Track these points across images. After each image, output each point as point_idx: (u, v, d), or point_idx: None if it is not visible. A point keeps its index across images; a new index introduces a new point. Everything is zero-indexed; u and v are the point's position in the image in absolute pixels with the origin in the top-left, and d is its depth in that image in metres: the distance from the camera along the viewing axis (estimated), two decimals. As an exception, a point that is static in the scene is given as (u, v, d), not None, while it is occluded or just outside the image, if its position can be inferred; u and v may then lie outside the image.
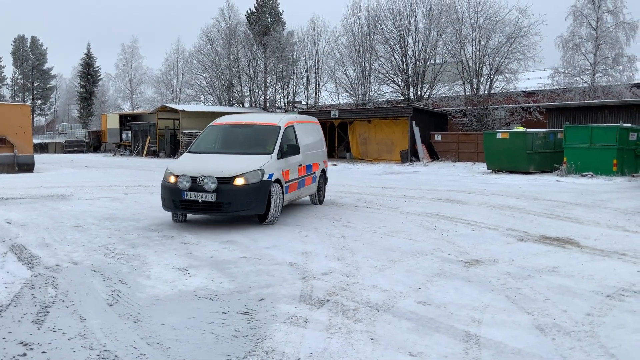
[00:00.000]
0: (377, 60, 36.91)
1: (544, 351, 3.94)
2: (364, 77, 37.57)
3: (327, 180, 12.32)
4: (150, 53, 77.52)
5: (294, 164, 9.99)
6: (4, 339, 4.19)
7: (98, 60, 66.19)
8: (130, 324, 4.51)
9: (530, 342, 4.09)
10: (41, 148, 45.59)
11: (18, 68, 74.35)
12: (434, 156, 28.36)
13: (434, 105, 32.89)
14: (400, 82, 36.10)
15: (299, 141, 10.34)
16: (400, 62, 35.71)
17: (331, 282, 5.70)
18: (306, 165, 10.60)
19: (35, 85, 75.31)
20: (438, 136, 28.66)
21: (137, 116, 45.50)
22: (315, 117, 13.27)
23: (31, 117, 28.85)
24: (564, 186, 15.67)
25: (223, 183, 8.49)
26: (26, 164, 22.32)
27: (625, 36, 28.00)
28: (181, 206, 8.75)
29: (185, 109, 37.53)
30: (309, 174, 10.83)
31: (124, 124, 44.61)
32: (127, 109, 57.01)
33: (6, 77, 75.80)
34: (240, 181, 8.55)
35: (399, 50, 35.58)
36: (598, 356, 3.86)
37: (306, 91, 44.00)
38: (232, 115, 11.78)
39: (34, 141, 30.53)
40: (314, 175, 11.14)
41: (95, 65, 66.15)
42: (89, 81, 64.79)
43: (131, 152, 41.19)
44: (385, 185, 16.06)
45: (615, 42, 28.14)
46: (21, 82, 74.62)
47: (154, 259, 6.75)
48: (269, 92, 46.01)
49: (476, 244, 7.60)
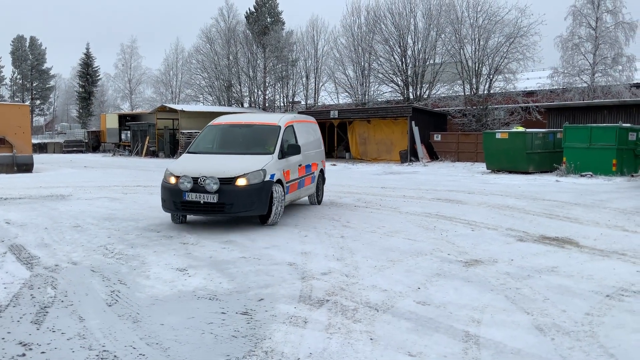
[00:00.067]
0: (376, 60, 36.91)
1: (544, 351, 3.94)
2: (363, 77, 37.56)
3: (325, 180, 12.29)
4: (150, 53, 77.49)
5: (294, 164, 9.91)
6: (3, 339, 4.18)
7: (97, 60, 66.36)
8: (130, 324, 4.51)
9: (530, 342, 4.09)
10: (40, 148, 45.57)
11: (17, 68, 74.35)
12: (433, 156, 28.36)
13: (433, 105, 32.89)
14: (400, 82, 36.10)
15: (298, 141, 10.26)
16: (400, 62, 35.72)
17: (330, 282, 5.69)
18: (305, 165, 10.56)
19: (34, 85, 75.31)
20: (437, 136, 28.66)
21: (136, 116, 45.50)
22: (315, 117, 13.25)
23: (30, 117, 28.82)
24: (563, 186, 15.68)
25: (225, 184, 8.36)
26: (25, 164, 22.31)
27: (624, 36, 28.01)
28: (182, 207, 8.59)
29: (185, 109, 37.50)
30: (308, 174, 10.79)
31: (123, 124, 44.61)
32: (126, 109, 56.99)
33: (5, 77, 75.81)
34: (243, 182, 8.43)
35: (399, 50, 35.60)
36: (597, 356, 3.86)
37: (305, 91, 43.99)
38: (231, 115, 11.73)
39: (33, 141, 30.45)
40: (313, 175, 11.11)
41: (95, 65, 66.23)
42: (88, 81, 64.82)
43: (130, 152, 41.18)
44: (384, 185, 16.06)
45: (615, 42, 28.14)
46: (20, 82, 74.61)
47: (153, 259, 6.75)
48: (268, 92, 46.01)
49: (475, 244, 7.60)
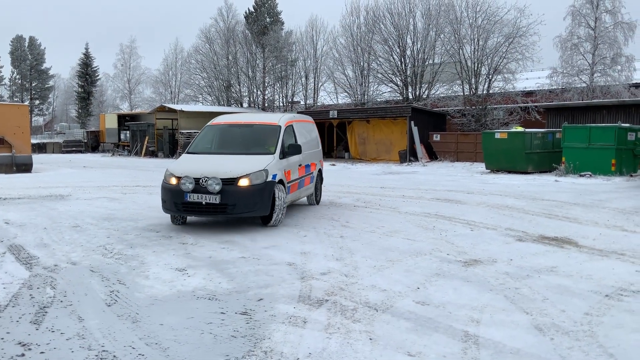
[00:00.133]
0: (375, 60, 36.90)
1: (543, 351, 3.94)
2: (362, 77, 37.56)
3: (322, 180, 12.25)
4: (149, 53, 77.71)
5: (295, 164, 9.85)
6: (2, 339, 4.18)
7: (96, 60, 66.36)
8: (129, 324, 4.51)
9: (529, 342, 4.09)
10: (39, 148, 45.56)
11: (16, 68, 74.33)
12: (432, 156, 28.36)
13: (432, 105, 32.90)
14: (399, 82, 36.10)
15: (297, 141, 10.20)
16: (399, 62, 35.73)
17: (330, 282, 5.69)
18: (305, 165, 10.52)
19: (34, 85, 75.27)
20: (437, 136, 28.66)
21: (136, 116, 45.49)
22: (314, 117, 13.23)
23: (29, 117, 28.81)
24: (562, 186, 15.68)
25: (227, 184, 8.25)
26: (24, 164, 22.30)
27: (623, 36, 28.01)
28: (183, 208, 8.45)
29: (184, 109, 37.49)
30: (308, 174, 10.76)
31: (122, 124, 44.60)
32: (126, 109, 56.96)
33: (4, 77, 75.78)
34: (245, 182, 8.33)
35: (398, 50, 35.60)
36: (597, 356, 3.86)
37: (305, 91, 43.97)
38: (230, 115, 11.70)
39: (32, 141, 30.46)
40: (311, 175, 11.08)
41: (94, 65, 66.22)
42: (87, 81, 64.80)
43: (129, 152, 41.17)
44: (383, 185, 16.07)
45: (614, 42, 28.15)
46: (19, 82, 74.58)
47: (152, 259, 6.75)
48: (267, 92, 46.01)
49: (475, 243, 7.60)
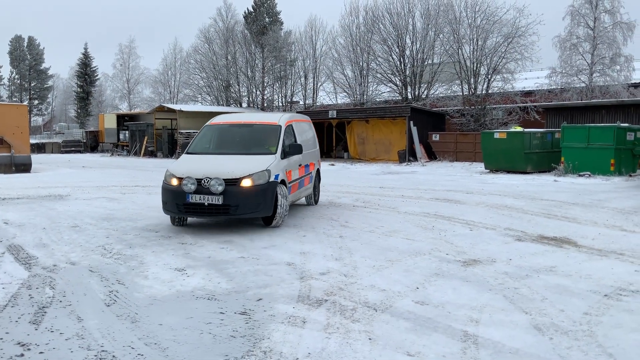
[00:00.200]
0: (374, 60, 36.92)
1: (542, 351, 3.94)
2: (361, 77, 37.57)
3: (320, 179, 12.22)
4: (148, 53, 77.32)
5: (295, 164, 9.77)
6: (1, 339, 4.18)
7: (95, 60, 66.38)
8: (128, 324, 4.50)
9: (528, 342, 4.10)
10: (38, 148, 45.54)
11: (15, 68, 74.20)
12: (431, 156, 28.37)
13: (431, 105, 32.92)
14: (398, 82, 36.12)
15: (297, 140, 10.14)
16: (398, 62, 35.75)
17: (329, 282, 5.69)
18: (305, 165, 10.49)
19: (33, 85, 75.17)
20: (436, 136, 28.67)
21: (135, 116, 45.48)
22: (313, 117, 13.23)
23: (28, 117, 28.79)
24: (561, 186, 15.69)
25: (230, 185, 8.14)
26: (23, 164, 22.30)
27: (622, 36, 28.03)
28: (185, 210, 8.30)
29: (183, 109, 37.48)
30: (307, 174, 10.74)
31: (121, 124, 44.60)
32: (125, 109, 56.94)
33: (3, 77, 75.64)
34: (248, 182, 8.21)
35: (397, 50, 35.61)
36: (596, 356, 3.87)
37: (304, 91, 43.96)
38: (229, 115, 11.65)
39: (31, 141, 30.48)
40: (310, 175, 11.07)
41: (93, 65, 66.18)
42: (86, 81, 64.75)
43: (129, 152, 41.16)
44: (383, 185, 16.07)
45: (613, 42, 28.17)
46: (18, 82, 74.46)
47: (151, 259, 6.74)
48: (266, 92, 45.99)
49: (474, 243, 7.60)
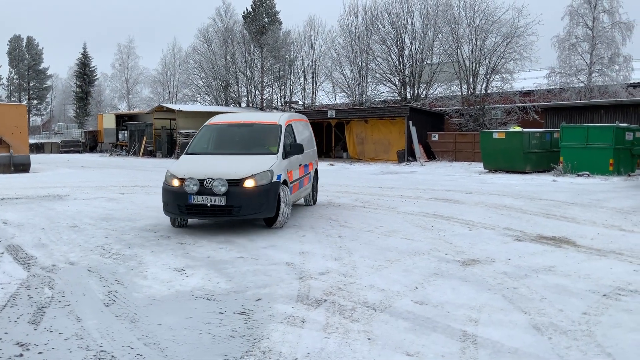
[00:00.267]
0: (374, 60, 36.94)
1: (541, 350, 3.94)
2: (360, 77, 37.59)
3: (318, 179, 12.18)
4: (147, 53, 77.63)
5: (296, 164, 9.69)
6: (0, 339, 4.17)
7: (94, 60, 66.31)
8: (127, 324, 4.50)
9: (527, 342, 4.10)
10: (37, 148, 45.53)
11: (14, 68, 74.14)
12: (430, 156, 28.38)
13: (430, 105, 32.93)
14: (397, 82, 36.14)
15: (297, 140, 10.07)
16: (397, 62, 35.77)
17: (328, 282, 5.69)
18: (304, 164, 10.44)
19: (31, 85, 75.11)
20: (435, 136, 28.68)
21: (134, 116, 45.46)
22: (312, 117, 13.21)
23: (27, 117, 28.78)
24: (560, 186, 15.71)
25: (232, 185, 8.02)
26: (22, 164, 22.28)
27: (621, 36, 28.07)
28: (187, 211, 8.18)
29: (182, 108, 37.46)
30: (306, 174, 10.69)
31: (120, 124, 44.59)
32: (124, 108, 56.93)
33: (2, 77, 75.60)
34: (251, 183, 8.11)
35: (396, 50, 35.63)
36: (595, 355, 3.87)
37: (303, 91, 43.97)
38: (228, 114, 11.59)
39: (30, 141, 30.49)
40: (309, 175, 11.02)
41: (92, 65, 66.14)
42: (85, 81, 64.71)
43: (127, 152, 41.14)
44: (382, 185, 16.07)
45: (612, 41, 28.20)
46: (17, 82, 74.39)
47: (150, 259, 6.74)
48: (265, 92, 46.00)
49: (473, 243, 7.60)
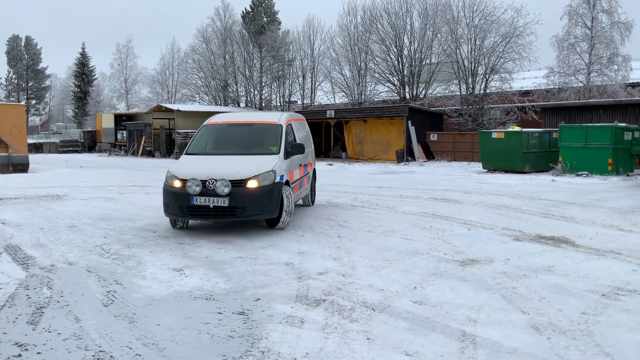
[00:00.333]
0: (372, 59, 36.96)
1: (540, 350, 3.94)
2: (359, 76, 37.60)
3: (316, 179, 12.12)
4: (146, 52, 77.59)
5: (296, 164, 9.60)
6: (-2, 340, 4.17)
7: (93, 59, 66.27)
8: (126, 324, 4.50)
9: (526, 341, 4.10)
10: (36, 148, 45.48)
11: (12, 68, 73.98)
12: (429, 156, 28.39)
13: (429, 105, 32.94)
14: (396, 82, 36.16)
15: (297, 139, 9.99)
16: (396, 62, 35.78)
17: (327, 281, 5.69)
18: (304, 164, 10.37)
19: (30, 85, 74.97)
20: (434, 136, 28.68)
21: (132, 116, 45.44)
22: (311, 117, 13.19)
23: (25, 117, 28.72)
24: (559, 185, 15.72)
25: (236, 186, 7.89)
26: (21, 164, 22.26)
27: (620, 36, 28.09)
28: (189, 213, 8.04)
29: (181, 108, 37.45)
30: (306, 174, 10.62)
31: (119, 123, 44.55)
32: (122, 108, 56.92)
33: (0, 76, 75.59)
34: (254, 184, 7.98)
35: (395, 49, 35.65)
36: (593, 355, 3.87)
37: (302, 91, 43.97)
38: (227, 114, 11.55)
39: (28, 141, 30.41)
40: (308, 175, 10.97)
41: (90, 65, 65.98)
42: (83, 81, 64.59)
43: (126, 152, 41.10)
44: (381, 185, 16.07)
45: (610, 41, 28.23)
46: (15, 81, 74.24)
47: (149, 259, 6.73)
48: (264, 91, 45.99)
49: (472, 243, 7.60)
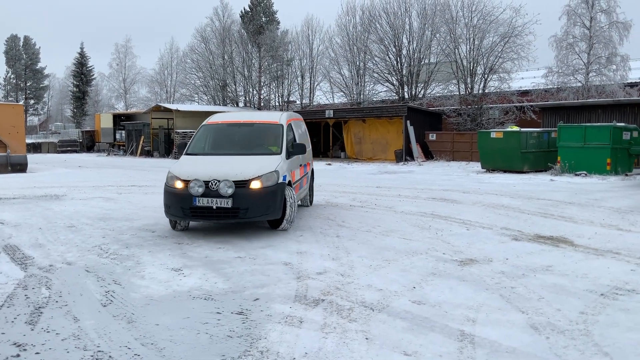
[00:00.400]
0: (371, 59, 36.98)
1: (538, 350, 3.95)
2: (358, 76, 37.61)
3: (314, 179, 12.10)
4: (144, 52, 77.47)
5: (297, 164, 9.54)
6: (-4, 340, 4.16)
7: (91, 59, 66.00)
8: (124, 324, 4.49)
9: (525, 341, 4.10)
10: (34, 148, 45.43)
11: (11, 67, 73.91)
12: (428, 155, 28.40)
13: (428, 105, 32.95)
14: (395, 82, 36.17)
15: (297, 139, 9.95)
16: (395, 62, 35.80)
17: (326, 281, 5.69)
18: (303, 165, 10.33)
19: (28, 84, 74.89)
20: (432, 135, 28.69)
21: (131, 116, 45.42)
22: (310, 117, 13.18)
23: (24, 117, 28.71)
24: (558, 185, 15.73)
25: (239, 187, 7.79)
26: (19, 164, 22.24)
27: (618, 36, 28.11)
28: (191, 214, 7.90)
29: (179, 108, 37.44)
30: (305, 174, 10.57)
31: (117, 123, 44.53)
32: (121, 108, 56.90)
33: (-1, 76, 75.39)
34: (257, 184, 7.88)
35: (394, 49, 35.66)
36: (592, 355, 3.87)
37: (301, 90, 44.00)
38: (226, 114, 11.50)
39: (27, 141, 30.40)
40: (307, 175, 10.94)
41: (89, 65, 65.89)
42: (82, 81, 64.52)
43: (125, 152, 41.07)
44: (379, 185, 16.07)
45: (609, 41, 28.25)
46: (14, 81, 74.17)
47: (148, 259, 6.73)
48: (263, 91, 45.98)
49: (470, 243, 7.61)
